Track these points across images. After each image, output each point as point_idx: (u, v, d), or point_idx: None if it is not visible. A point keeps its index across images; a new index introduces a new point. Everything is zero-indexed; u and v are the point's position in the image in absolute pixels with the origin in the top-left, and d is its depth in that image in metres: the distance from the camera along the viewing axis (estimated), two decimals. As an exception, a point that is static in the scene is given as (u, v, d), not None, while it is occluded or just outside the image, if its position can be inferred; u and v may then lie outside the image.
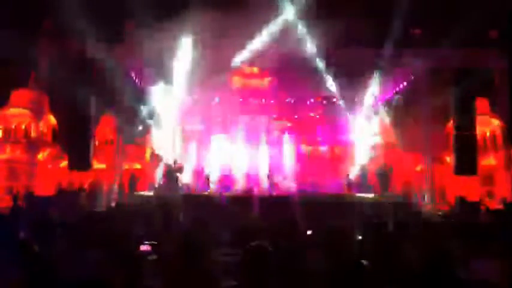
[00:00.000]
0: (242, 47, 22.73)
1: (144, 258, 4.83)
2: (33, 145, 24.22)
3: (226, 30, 21.84)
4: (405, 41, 22.96)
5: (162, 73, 24.08)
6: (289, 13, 21.55)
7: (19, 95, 34.32)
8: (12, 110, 34.32)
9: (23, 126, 33.71)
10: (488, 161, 33.74)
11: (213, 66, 23.83)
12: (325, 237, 5.90)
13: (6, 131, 34.35)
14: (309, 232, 7.68)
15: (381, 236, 5.46)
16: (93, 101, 21.14)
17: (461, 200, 20.18)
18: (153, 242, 5.88)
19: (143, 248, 5.56)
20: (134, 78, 23.64)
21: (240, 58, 24.01)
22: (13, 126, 34.18)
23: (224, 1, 21.11)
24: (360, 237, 7.16)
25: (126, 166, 25.69)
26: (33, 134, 24.33)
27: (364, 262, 5.00)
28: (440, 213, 19.93)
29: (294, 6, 21.57)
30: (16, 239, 6.35)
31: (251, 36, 22.21)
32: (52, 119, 35.53)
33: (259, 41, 22.46)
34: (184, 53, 22.58)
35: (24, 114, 33.20)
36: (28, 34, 25.69)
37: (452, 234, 6.69)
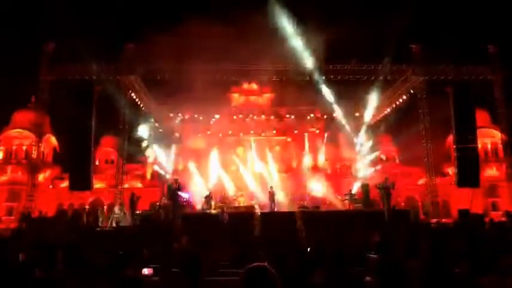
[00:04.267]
0: (241, 64, 22.83)
1: (145, 281, 4.76)
2: (34, 166, 24.19)
3: (225, 48, 22.04)
4: (404, 56, 23.16)
5: (162, 92, 24.25)
6: (288, 29, 21.68)
7: (20, 116, 34.60)
8: (14, 131, 34.55)
9: (24, 148, 33.88)
10: (490, 172, 33.74)
11: (212, 84, 23.98)
12: (330, 256, 5.84)
13: (7, 152, 34.50)
14: (309, 249, 7.61)
15: (385, 254, 5.39)
16: (93, 122, 21.18)
17: (465, 213, 20.01)
18: (155, 266, 5.80)
19: (145, 271, 5.48)
20: (134, 98, 23.76)
21: (239, 75, 24.15)
22: (14, 148, 34.38)
23: (223, 19, 21.42)
24: (365, 255, 7.07)
25: (126, 185, 25.61)
26: (34, 155, 24.32)
27: (368, 279, 4.92)
28: (445, 226, 19.78)
29: (294, 23, 21.71)
30: (16, 261, 6.28)
31: (251, 54, 22.34)
32: (53, 140, 35.69)
33: (259, 57, 22.54)
34: (184, 70, 22.69)
35: (25, 135, 33.40)
36: (29, 56, 26.02)
37: (459, 250, 6.60)
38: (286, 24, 21.44)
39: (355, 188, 24.76)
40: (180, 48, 21.31)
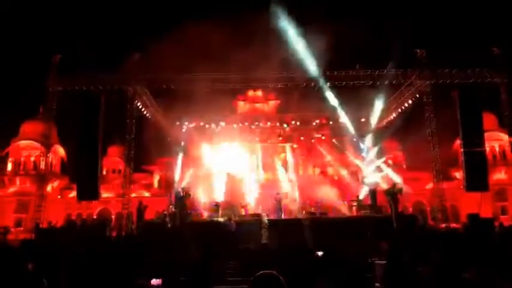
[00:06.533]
0: (247, 71, 22.89)
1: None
2: (42, 177, 24.38)
3: (231, 56, 22.16)
4: (409, 61, 23.11)
5: (169, 101, 24.38)
6: (293, 35, 21.67)
7: (28, 127, 34.94)
8: (22, 142, 34.86)
9: (33, 158, 34.16)
10: (499, 176, 33.39)
11: (218, 92, 24.06)
12: (337, 263, 5.81)
13: (16, 163, 34.79)
14: (319, 253, 7.56)
15: (394, 260, 5.35)
16: (100, 131, 21.34)
17: (475, 217, 19.78)
18: (163, 275, 5.80)
19: (154, 281, 5.48)
20: (140, 107, 23.91)
21: (244, 83, 24.18)
22: (22, 159, 34.67)
23: (228, 27, 21.54)
24: (373, 261, 7.04)
25: (134, 194, 25.69)
26: (42, 166, 24.52)
27: (377, 285, 4.90)
28: (454, 231, 19.55)
29: (298, 28, 21.72)
30: (24, 271, 6.30)
31: (255, 61, 22.40)
32: (61, 150, 35.95)
33: (264, 65, 22.57)
34: (189, 79, 22.82)
35: (33, 146, 33.70)
36: (37, 68, 26.35)
37: (468, 256, 6.53)
38: (291, 30, 21.49)
39: (363, 193, 24.65)
40: (185, 57, 21.47)
